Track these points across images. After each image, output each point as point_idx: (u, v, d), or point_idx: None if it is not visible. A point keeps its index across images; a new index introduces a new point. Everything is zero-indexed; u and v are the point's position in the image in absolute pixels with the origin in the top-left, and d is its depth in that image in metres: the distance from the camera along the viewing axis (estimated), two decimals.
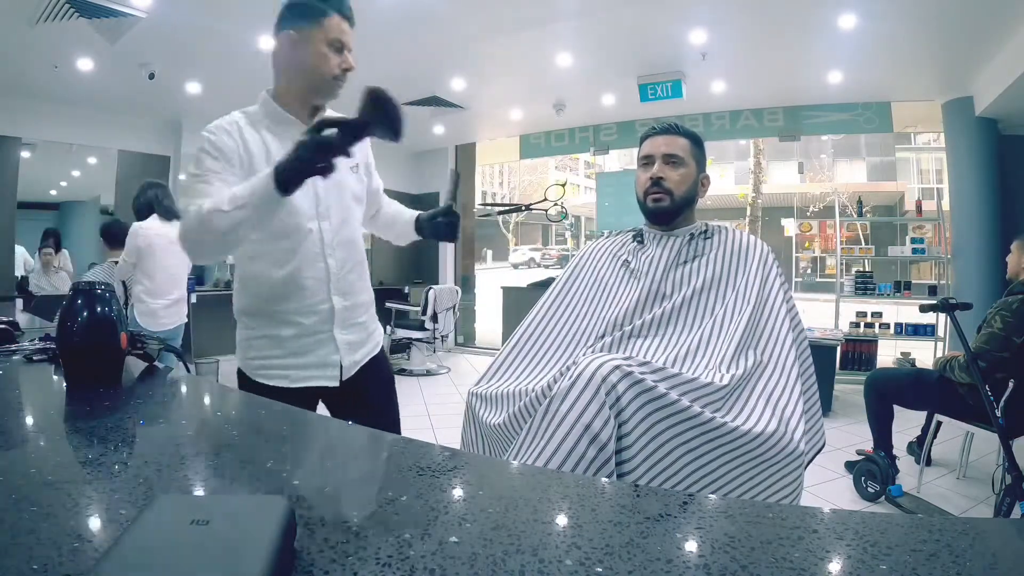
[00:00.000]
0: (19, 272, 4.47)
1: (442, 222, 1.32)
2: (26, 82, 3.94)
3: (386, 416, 1.31)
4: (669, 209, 1.19)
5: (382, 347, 1.34)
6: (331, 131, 0.92)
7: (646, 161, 1.21)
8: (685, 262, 1.18)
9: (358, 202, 1.31)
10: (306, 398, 1.18)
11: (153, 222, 3.00)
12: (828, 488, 2.70)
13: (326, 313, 1.20)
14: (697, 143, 1.22)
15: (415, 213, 1.42)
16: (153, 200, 3.03)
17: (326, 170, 0.93)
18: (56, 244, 4.55)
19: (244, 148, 1.15)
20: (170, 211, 3.07)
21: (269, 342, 1.19)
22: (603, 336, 1.13)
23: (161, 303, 3.00)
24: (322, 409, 1.25)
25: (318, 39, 1.19)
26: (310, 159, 0.91)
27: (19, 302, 3.87)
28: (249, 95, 1.32)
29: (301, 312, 1.18)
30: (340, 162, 0.98)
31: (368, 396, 1.27)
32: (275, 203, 0.96)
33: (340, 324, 1.22)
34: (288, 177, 0.93)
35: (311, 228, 1.17)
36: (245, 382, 1.21)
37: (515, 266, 20.94)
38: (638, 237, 1.27)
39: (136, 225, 2.97)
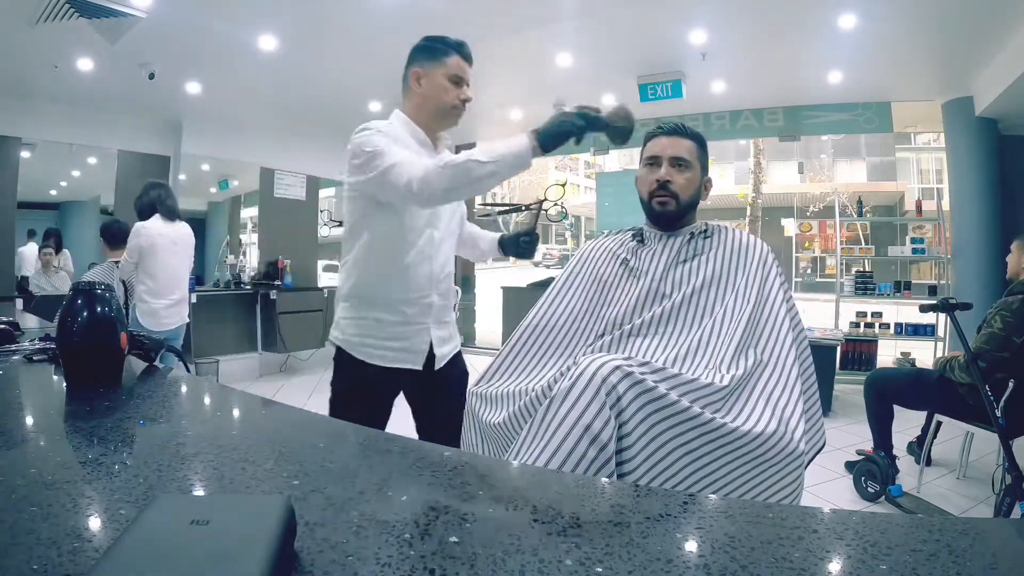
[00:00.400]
0: (28, 271, 4.47)
1: (525, 241, 1.52)
2: (26, 82, 3.94)
3: (462, 403, 1.47)
4: (674, 213, 1.19)
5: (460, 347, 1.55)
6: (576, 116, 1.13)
7: (652, 162, 1.21)
8: (685, 261, 1.18)
9: (457, 218, 1.52)
10: (396, 378, 1.37)
11: (156, 222, 2.99)
12: (828, 488, 2.70)
13: (426, 307, 1.40)
14: (702, 145, 1.22)
15: (495, 235, 1.64)
16: (156, 200, 3.02)
17: (581, 137, 1.14)
18: (57, 244, 4.55)
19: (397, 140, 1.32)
20: (173, 211, 3.07)
21: (374, 324, 1.36)
22: (603, 335, 1.13)
23: (163, 303, 3.00)
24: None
25: (441, 75, 1.40)
26: (580, 125, 1.12)
27: (19, 302, 3.87)
28: (249, 95, 1.36)
29: (406, 303, 1.37)
30: None
31: (451, 386, 1.44)
32: (527, 162, 1.14)
33: (435, 319, 1.42)
34: (552, 139, 1.12)
35: (425, 232, 1.37)
36: (344, 357, 1.39)
37: (536, 264, 20.73)
38: (637, 236, 1.27)
39: (139, 224, 2.97)
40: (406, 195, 1.20)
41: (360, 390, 1.37)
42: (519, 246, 1.52)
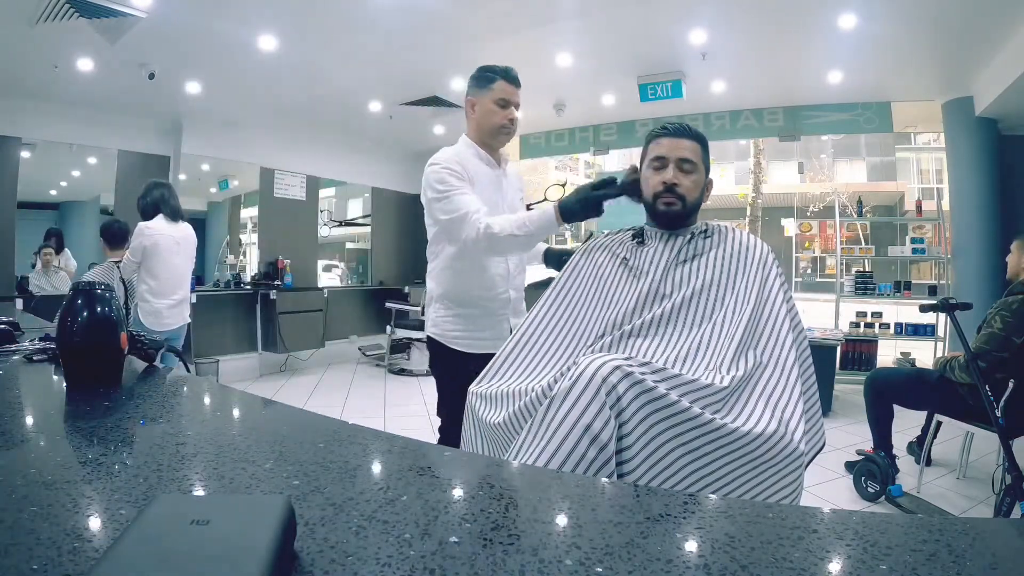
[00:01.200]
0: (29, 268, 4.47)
1: (567, 259, 1.72)
2: (26, 82, 3.94)
3: None
4: (680, 214, 1.20)
5: None
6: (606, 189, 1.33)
7: (659, 164, 1.21)
8: (685, 261, 1.17)
9: None
10: (484, 362, 1.47)
11: (159, 222, 2.98)
12: (828, 488, 2.70)
13: (504, 301, 1.65)
14: (705, 146, 1.23)
15: (544, 245, 1.81)
16: (160, 200, 3.01)
17: (598, 214, 1.35)
18: (59, 244, 4.54)
19: (466, 173, 1.55)
20: (176, 211, 3.06)
21: (464, 319, 1.62)
22: (603, 335, 1.13)
23: (165, 303, 2.99)
24: None
25: (489, 100, 1.61)
26: (594, 207, 1.34)
27: (19, 302, 3.87)
28: (249, 95, 1.37)
29: (489, 299, 1.62)
30: (513, 189, 1.71)
31: None
32: (553, 230, 1.40)
33: (512, 310, 1.67)
34: (571, 213, 1.36)
35: None
36: (441, 349, 1.65)
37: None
38: (637, 236, 1.27)
39: (142, 224, 2.95)
40: (461, 246, 1.49)
41: (460, 377, 1.55)
42: (561, 262, 1.70)
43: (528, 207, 1.79)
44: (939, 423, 2.59)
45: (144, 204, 3.01)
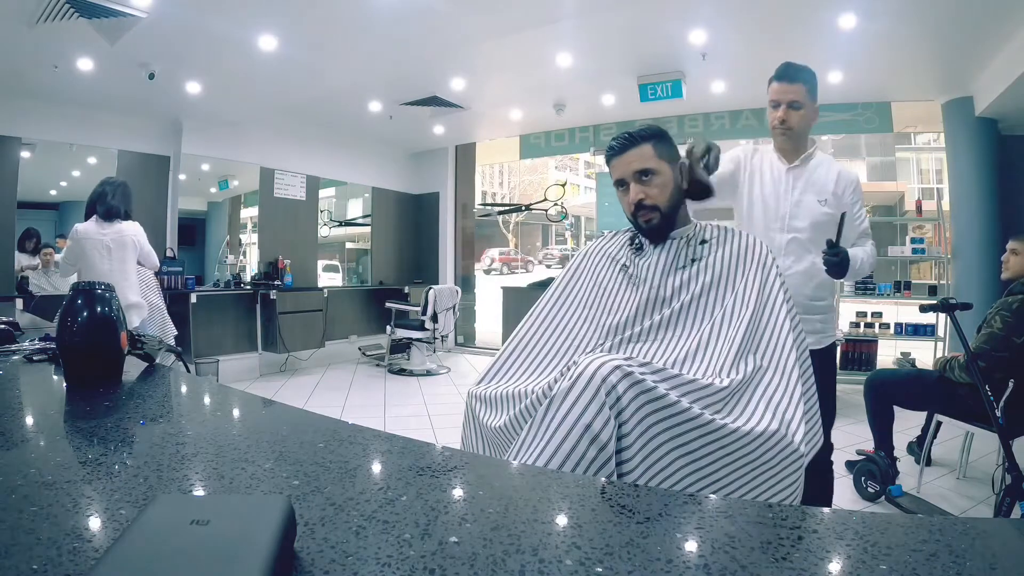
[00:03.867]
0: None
1: (828, 258, 1.58)
2: (26, 82, 3.94)
3: None
4: (662, 223, 1.19)
5: None
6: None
7: (621, 186, 1.20)
8: (684, 267, 1.17)
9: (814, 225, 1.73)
10: None
11: (89, 224, 2.82)
12: None
13: None
14: (660, 138, 1.18)
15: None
16: (97, 198, 2.81)
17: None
18: (36, 244, 4.53)
19: (748, 165, 1.76)
20: (111, 211, 2.82)
21: None
22: (602, 341, 1.13)
23: None
24: None
25: (768, 104, 1.73)
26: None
27: (19, 302, 3.86)
28: (249, 95, 1.35)
29: None
30: (810, 186, 1.71)
31: None
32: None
33: None
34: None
35: None
36: None
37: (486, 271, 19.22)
38: (635, 240, 1.26)
39: (75, 226, 2.81)
40: None
41: None
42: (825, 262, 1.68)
43: (528, 207, 1.79)
44: (939, 423, 2.59)
45: (87, 204, 2.84)
